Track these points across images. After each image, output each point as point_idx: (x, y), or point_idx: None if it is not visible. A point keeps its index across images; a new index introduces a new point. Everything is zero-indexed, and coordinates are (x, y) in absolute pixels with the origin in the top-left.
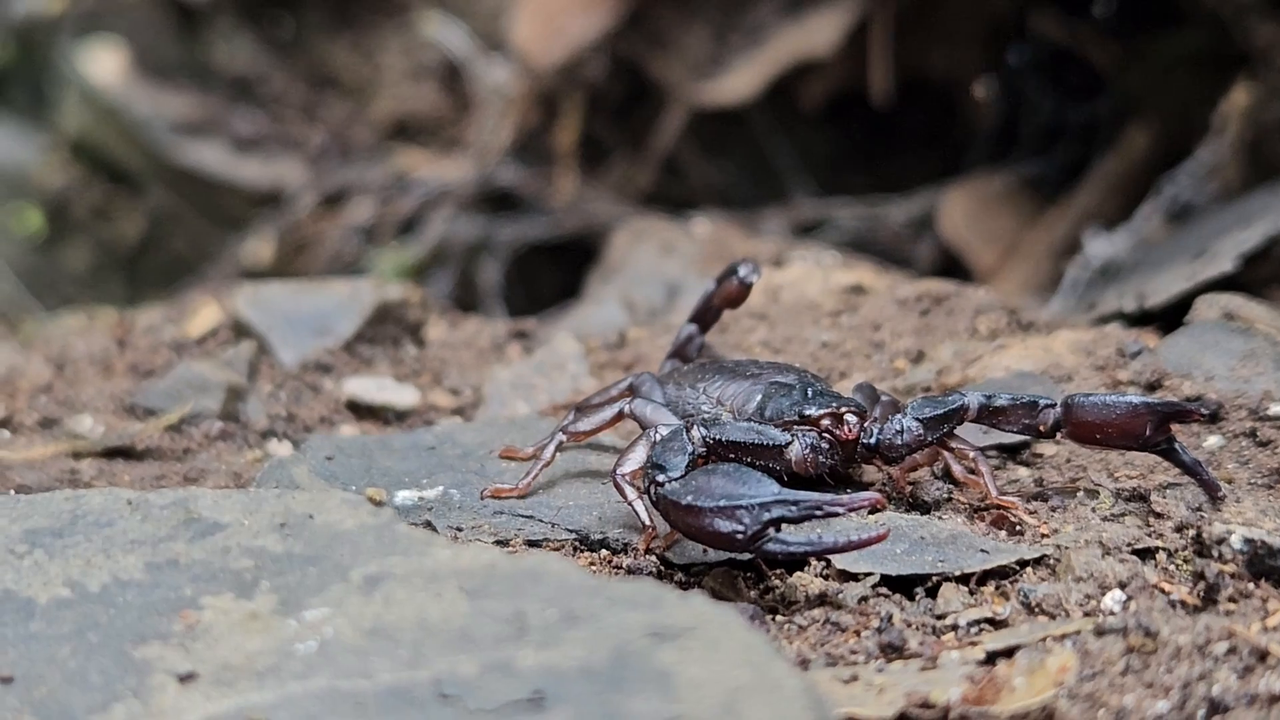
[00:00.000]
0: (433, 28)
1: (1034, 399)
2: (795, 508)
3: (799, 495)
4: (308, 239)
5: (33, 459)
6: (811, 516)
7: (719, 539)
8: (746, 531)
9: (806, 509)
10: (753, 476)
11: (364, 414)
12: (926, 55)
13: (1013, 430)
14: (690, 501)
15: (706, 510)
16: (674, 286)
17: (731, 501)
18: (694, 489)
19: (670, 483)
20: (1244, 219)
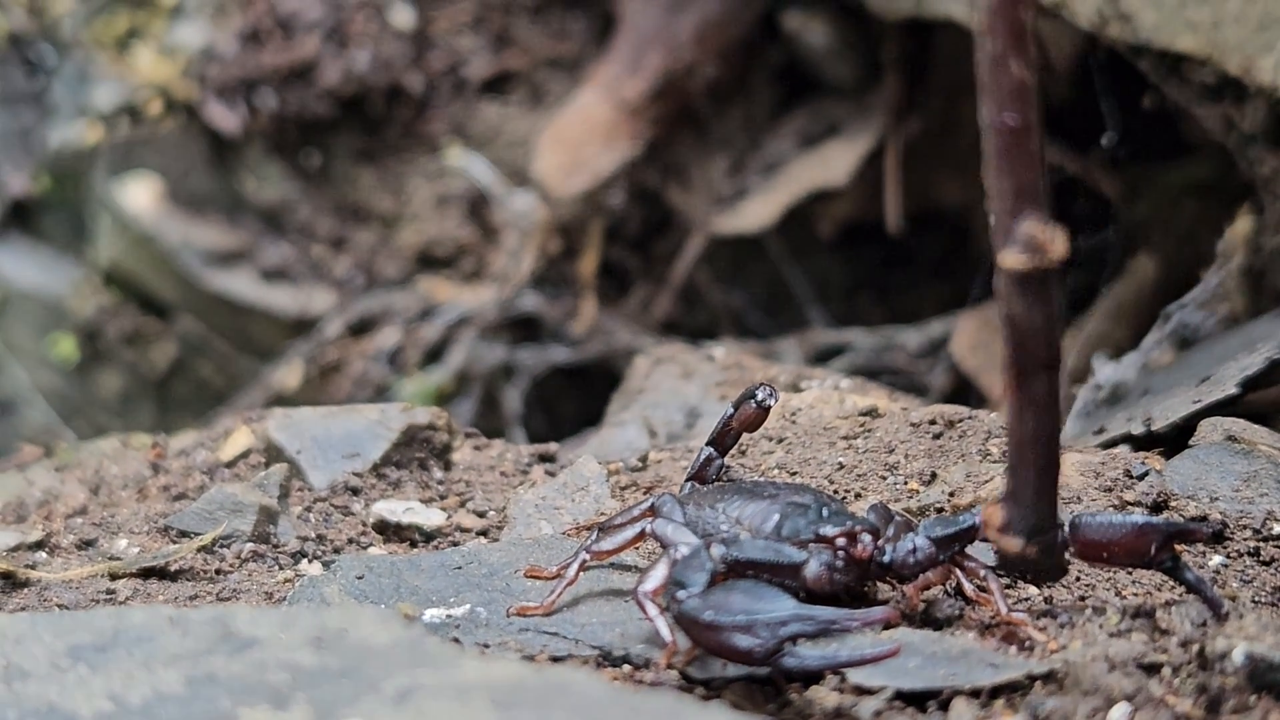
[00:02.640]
0: (457, 159)
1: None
2: (811, 624)
3: (814, 611)
4: (334, 365)
5: (70, 579)
6: (827, 632)
7: (737, 654)
8: (764, 646)
9: (821, 625)
10: (770, 593)
11: (392, 535)
12: (939, 185)
13: None
14: (710, 618)
15: (725, 626)
16: (693, 410)
17: (750, 617)
18: (713, 605)
19: (690, 599)
20: (1248, 345)
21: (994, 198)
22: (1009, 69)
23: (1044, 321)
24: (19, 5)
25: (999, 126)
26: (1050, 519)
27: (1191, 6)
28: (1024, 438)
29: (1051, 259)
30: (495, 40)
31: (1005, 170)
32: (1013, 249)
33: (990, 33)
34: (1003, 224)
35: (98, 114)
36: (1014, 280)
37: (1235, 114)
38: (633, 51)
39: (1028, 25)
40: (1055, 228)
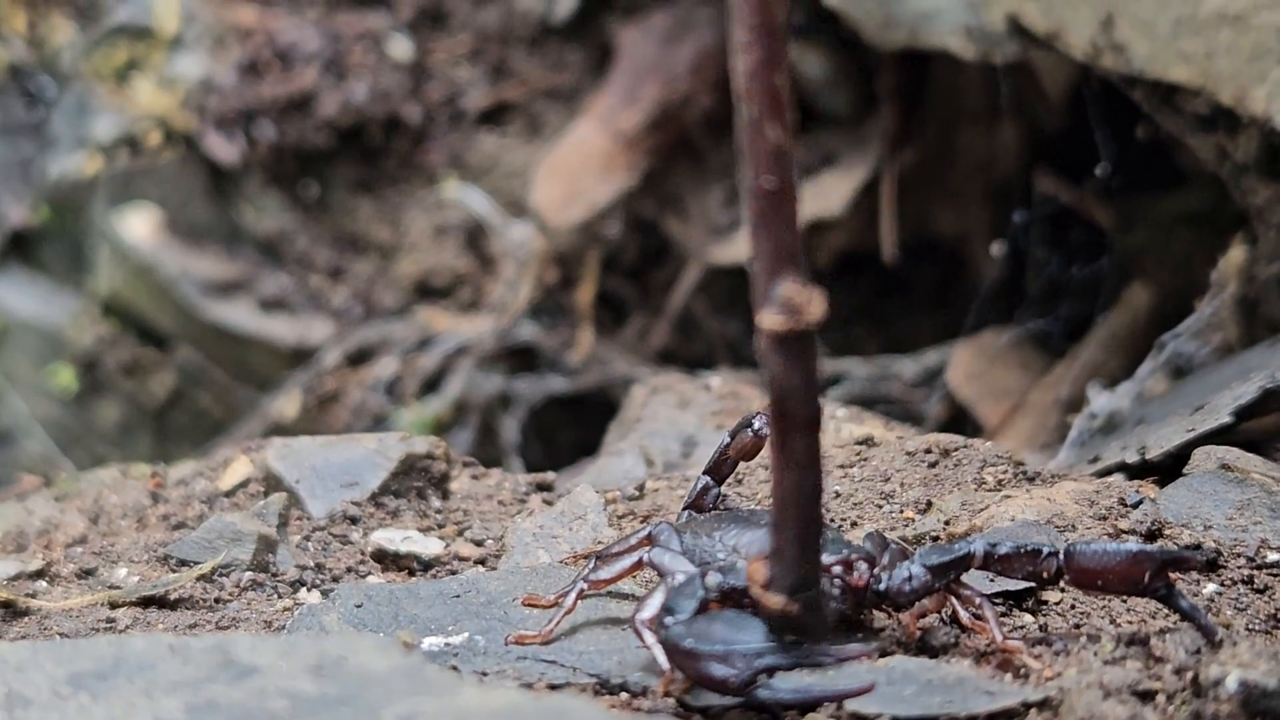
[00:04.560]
0: (454, 190)
1: (1037, 547)
2: (786, 656)
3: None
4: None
5: (70, 608)
6: (801, 665)
7: (713, 683)
8: (739, 677)
9: (797, 658)
10: (751, 624)
11: (390, 564)
12: (934, 215)
13: (1017, 577)
14: (690, 646)
15: (703, 655)
16: (690, 439)
17: (727, 647)
18: (695, 633)
19: (676, 626)
20: (1242, 374)
21: (753, 259)
22: (765, 133)
23: (803, 381)
24: (19, 37)
25: (757, 190)
26: (812, 576)
27: (1184, 37)
28: (785, 496)
29: (808, 320)
30: (493, 71)
31: (764, 233)
32: (770, 310)
33: (748, 97)
34: (761, 285)
35: (97, 145)
36: (773, 341)
37: (1229, 144)
38: (629, 83)
39: (783, 90)
40: (812, 290)
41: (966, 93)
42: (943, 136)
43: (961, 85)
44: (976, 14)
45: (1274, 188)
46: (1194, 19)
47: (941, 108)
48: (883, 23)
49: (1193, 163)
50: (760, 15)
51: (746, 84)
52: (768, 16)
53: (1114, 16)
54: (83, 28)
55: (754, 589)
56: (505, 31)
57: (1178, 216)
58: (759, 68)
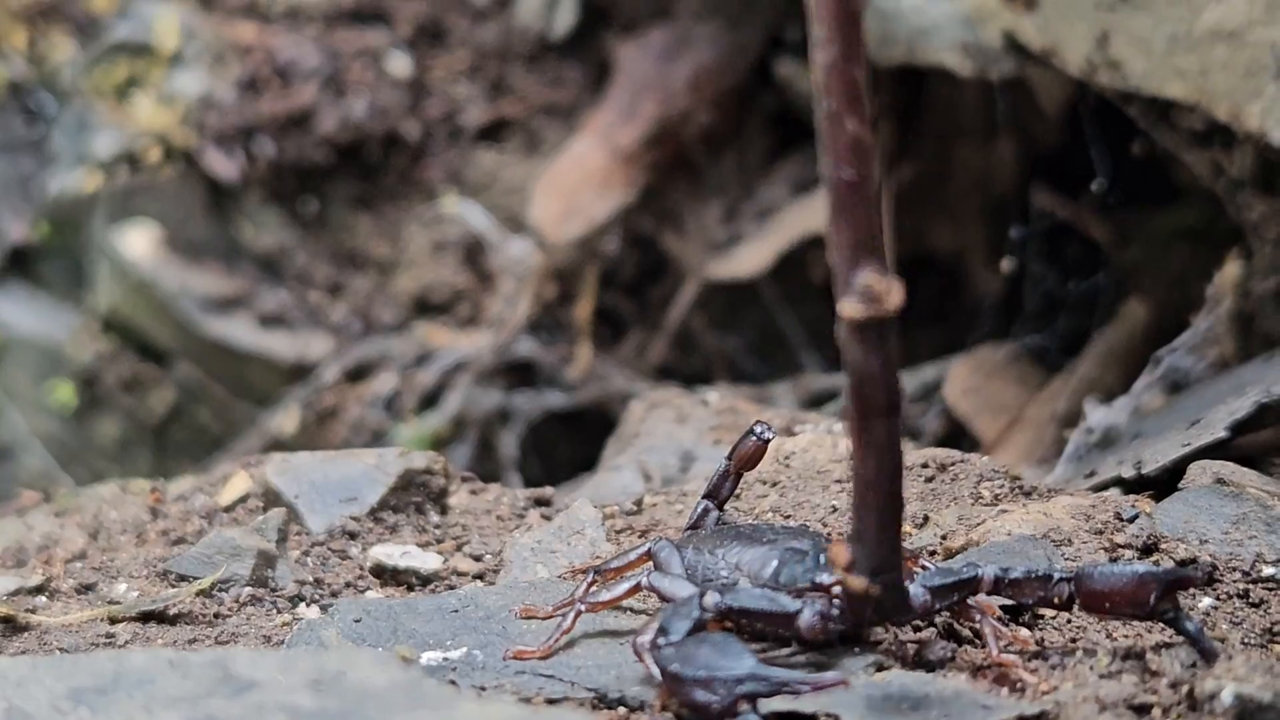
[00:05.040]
0: (453, 205)
1: (1049, 572)
2: (765, 684)
3: (770, 672)
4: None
5: (70, 623)
6: (779, 693)
7: (696, 708)
8: (720, 704)
9: (775, 685)
10: (735, 649)
11: (389, 579)
12: (931, 230)
13: (1029, 602)
14: (675, 669)
15: (686, 680)
16: (688, 454)
17: (709, 673)
18: (682, 656)
19: (667, 647)
20: (1237, 389)
21: (833, 249)
22: (845, 126)
23: (882, 369)
24: (19, 54)
25: (837, 182)
26: (893, 559)
27: (1180, 54)
28: (867, 480)
29: (888, 309)
30: (491, 88)
31: (844, 223)
32: (850, 299)
33: (826, 91)
34: (841, 275)
35: (97, 162)
36: (853, 329)
37: (1224, 160)
38: (628, 99)
39: (862, 83)
40: (892, 279)
41: (963, 109)
42: (940, 152)
43: (958, 102)
44: (973, 31)
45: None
46: (1189, 35)
47: (938, 124)
48: (880, 39)
49: (1188, 178)
50: (839, 8)
51: (826, 78)
52: (846, 10)
53: (1109, 33)
54: (83, 45)
55: (836, 571)
56: (504, 48)
57: (1174, 232)
58: (839, 61)
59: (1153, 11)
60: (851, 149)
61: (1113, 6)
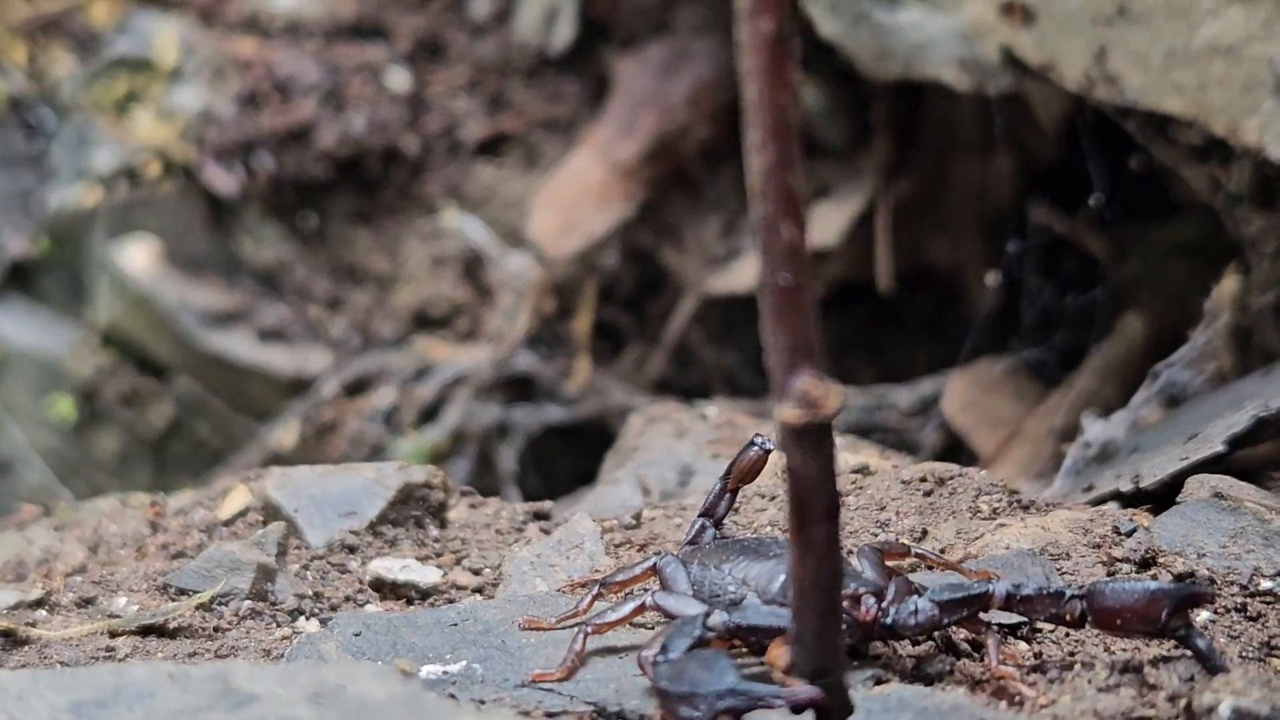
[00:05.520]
0: (452, 220)
1: (1060, 590)
2: (744, 699)
3: (749, 687)
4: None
5: (70, 637)
6: (755, 708)
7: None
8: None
9: (751, 700)
10: (720, 665)
11: (388, 593)
12: (929, 245)
13: (1040, 619)
14: (664, 686)
15: (672, 695)
16: (687, 468)
17: (692, 689)
18: (672, 673)
19: (662, 664)
20: (1235, 403)
21: (770, 353)
22: (780, 232)
23: (820, 473)
24: (19, 69)
25: (772, 286)
26: (834, 661)
27: (1177, 69)
28: (805, 583)
29: (826, 413)
30: (490, 103)
31: (780, 328)
32: (788, 404)
33: (762, 196)
34: (779, 379)
35: (96, 176)
36: (791, 434)
37: (1222, 174)
38: (626, 114)
39: (798, 190)
40: (829, 383)
41: (961, 124)
42: (937, 167)
43: (956, 116)
44: (971, 46)
45: (1267, 218)
46: (1187, 51)
47: (936, 139)
48: (878, 54)
49: (1186, 193)
50: (774, 116)
51: (762, 184)
52: (782, 117)
53: (1107, 48)
54: (82, 60)
55: (775, 674)
56: (503, 63)
57: (1172, 246)
58: (774, 167)
59: (1150, 26)
60: (788, 254)
61: (1110, 21)
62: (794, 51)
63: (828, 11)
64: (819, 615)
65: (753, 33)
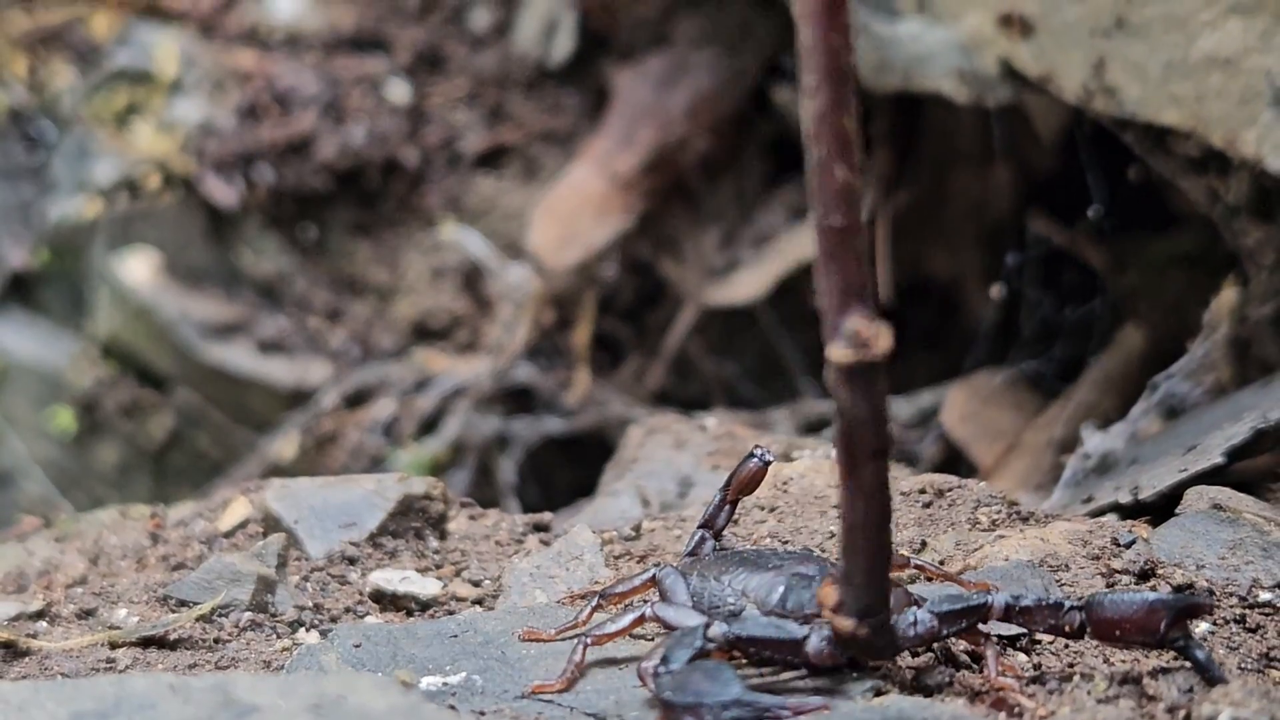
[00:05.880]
0: (452, 231)
1: (1060, 601)
2: (749, 710)
3: (755, 698)
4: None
5: (71, 649)
6: (762, 718)
7: None
8: None
9: (757, 712)
10: (724, 676)
11: (388, 604)
12: (928, 256)
13: (1040, 630)
14: (668, 697)
15: (677, 706)
16: (686, 480)
17: (697, 699)
18: (676, 684)
19: (664, 675)
20: (1234, 414)
21: (822, 295)
22: (833, 173)
23: (871, 412)
24: (20, 81)
25: (825, 228)
26: (881, 601)
27: (1175, 81)
28: (855, 523)
29: (876, 353)
30: (489, 115)
31: (832, 269)
32: (839, 344)
33: (816, 139)
34: (830, 320)
35: (97, 188)
36: (841, 373)
37: (1220, 186)
38: (625, 126)
39: (852, 132)
40: (880, 324)
41: (960, 136)
42: (936, 179)
43: (955, 128)
44: (970, 58)
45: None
46: (1184, 63)
47: (935, 150)
48: (877, 67)
49: (1184, 205)
50: (829, 59)
51: (815, 126)
52: (836, 60)
53: (1105, 60)
54: (83, 72)
55: (824, 612)
56: (502, 75)
57: (1170, 258)
58: (828, 110)
59: (1148, 39)
60: (840, 196)
61: (1108, 33)
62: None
63: None
64: (868, 555)
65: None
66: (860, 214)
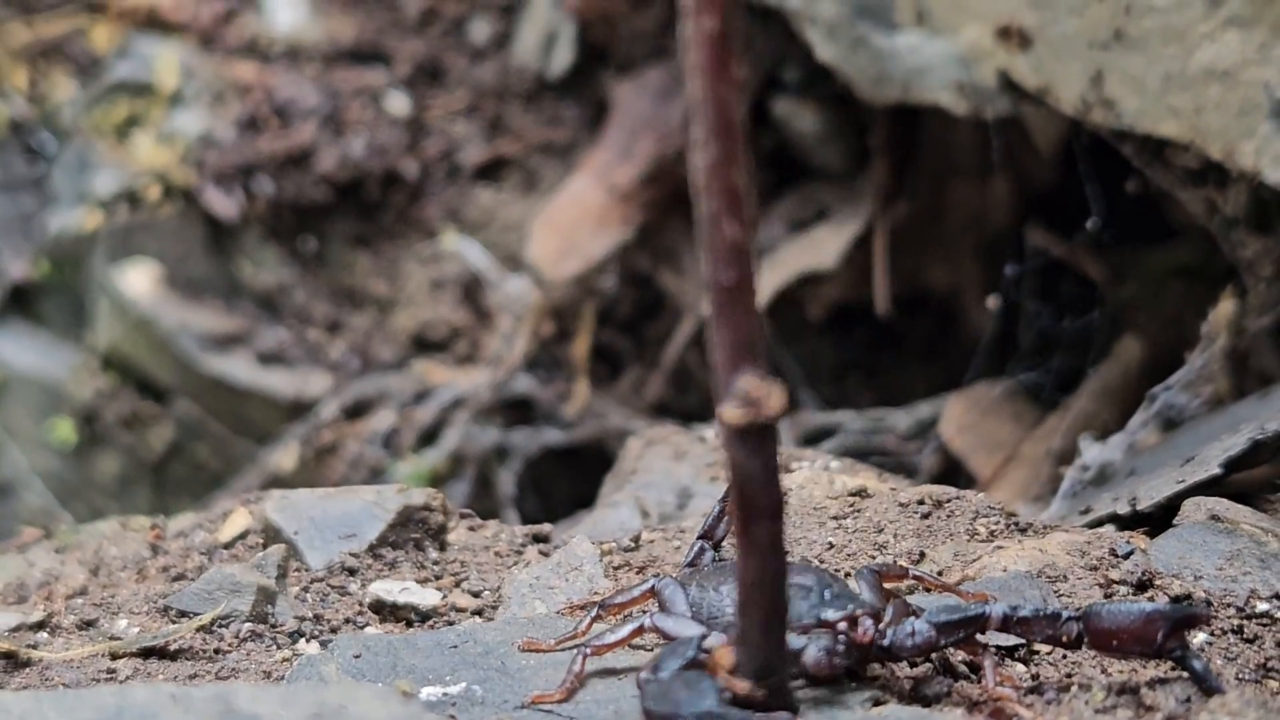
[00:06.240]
0: (452, 241)
1: (1057, 611)
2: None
3: (727, 712)
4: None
5: (71, 659)
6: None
7: None
8: None
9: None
10: (703, 688)
11: (388, 615)
12: (927, 268)
13: (1037, 640)
14: (647, 705)
15: (655, 715)
16: (685, 491)
17: (674, 710)
18: (658, 693)
19: (651, 683)
20: (1232, 426)
21: (714, 352)
22: (723, 229)
23: (763, 471)
24: (20, 93)
25: (715, 284)
26: (778, 660)
27: (1173, 93)
28: (749, 581)
29: (767, 413)
30: (489, 127)
31: (723, 326)
32: (730, 403)
33: (706, 194)
34: (722, 378)
35: (97, 200)
36: (732, 433)
37: (1218, 198)
38: (624, 138)
39: (741, 187)
40: (771, 383)
41: (958, 148)
42: (935, 190)
43: (953, 140)
44: (968, 70)
45: (1263, 241)
46: (1183, 75)
47: (934, 162)
48: (876, 79)
49: (1183, 216)
50: (718, 112)
51: (705, 181)
52: (726, 115)
53: (1104, 72)
54: (83, 84)
55: (720, 675)
56: (501, 88)
57: (1168, 270)
58: (717, 164)
59: (1146, 51)
60: (731, 252)
61: (1107, 46)
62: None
63: (826, 36)
64: (763, 615)
65: (696, 29)
66: (751, 271)
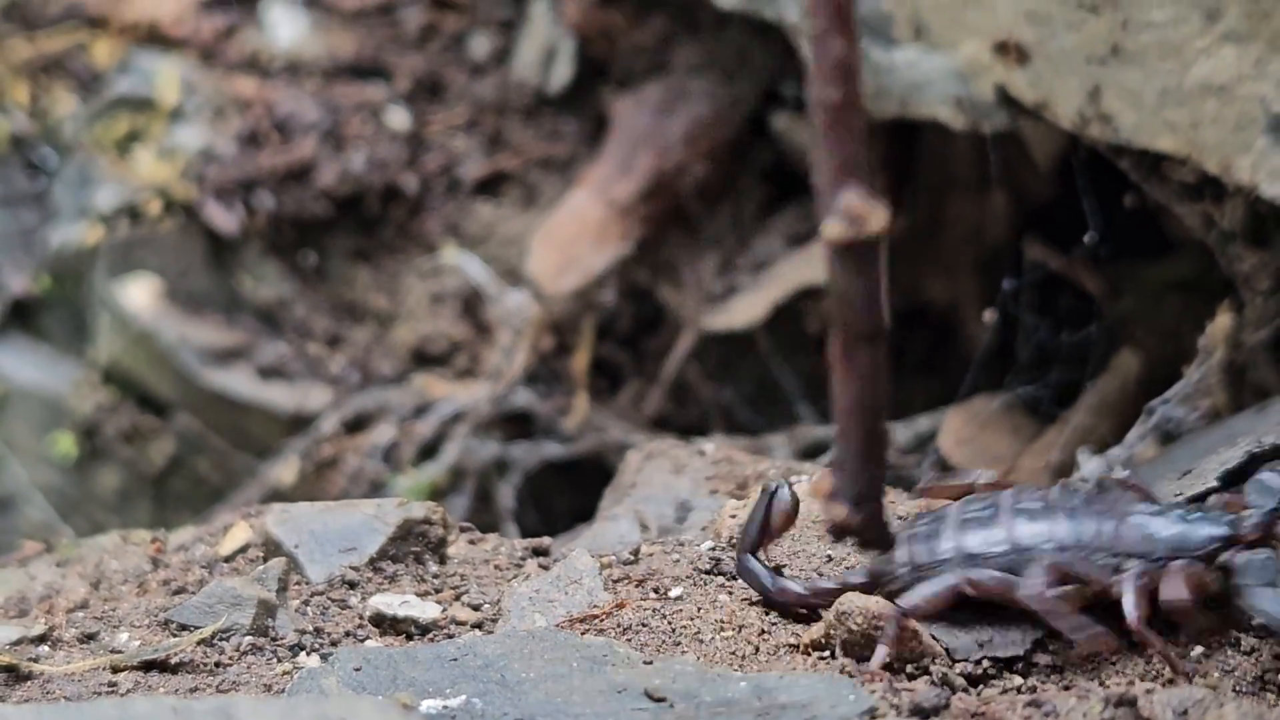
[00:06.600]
0: (451, 257)
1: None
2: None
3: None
4: (330, 461)
5: (72, 672)
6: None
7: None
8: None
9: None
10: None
11: (388, 628)
12: (925, 282)
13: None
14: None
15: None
16: (685, 504)
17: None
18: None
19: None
20: (1229, 439)
21: (818, 171)
22: (830, 46)
23: (865, 292)
24: (21, 108)
25: (822, 102)
26: (874, 488)
27: (1170, 107)
28: (848, 407)
29: (871, 230)
30: (489, 142)
31: (828, 144)
32: (833, 220)
33: (814, 11)
34: (825, 196)
35: (98, 215)
36: (835, 251)
37: (1215, 212)
38: (624, 153)
39: (848, 4)
40: (876, 200)
41: (956, 162)
42: (933, 205)
43: (951, 155)
44: (966, 85)
45: (1260, 255)
46: (1180, 89)
47: (932, 177)
48: (874, 93)
49: (1180, 230)
50: None
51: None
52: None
53: (1101, 87)
54: (84, 99)
55: (818, 500)
56: (501, 103)
57: (1166, 284)
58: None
59: (1143, 66)
60: (837, 69)
61: (1104, 61)
62: None
63: None
64: (861, 440)
65: None
66: (858, 89)
